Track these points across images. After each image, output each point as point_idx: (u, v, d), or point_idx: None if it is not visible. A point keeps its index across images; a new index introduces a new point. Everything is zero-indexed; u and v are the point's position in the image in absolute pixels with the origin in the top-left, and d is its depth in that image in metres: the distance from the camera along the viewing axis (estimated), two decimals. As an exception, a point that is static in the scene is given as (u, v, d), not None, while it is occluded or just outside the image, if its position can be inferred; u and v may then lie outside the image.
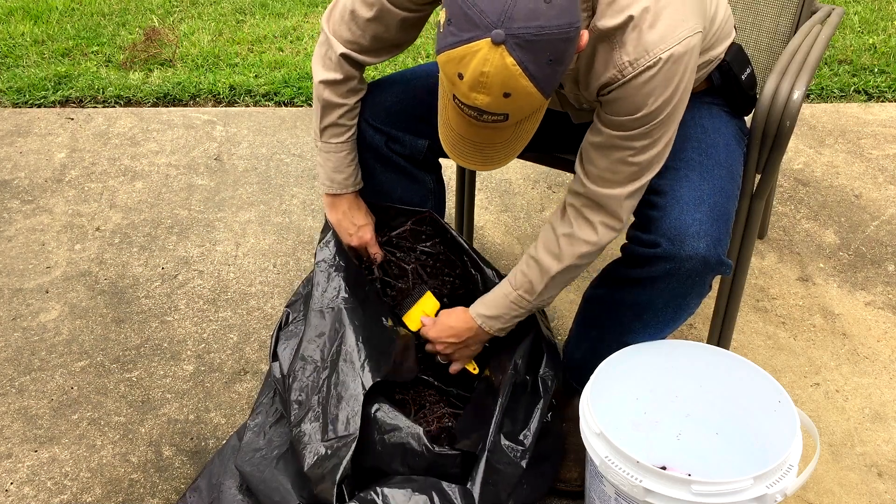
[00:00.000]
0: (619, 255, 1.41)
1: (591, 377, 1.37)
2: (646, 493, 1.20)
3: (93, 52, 3.39)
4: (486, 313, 1.46)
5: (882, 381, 1.82)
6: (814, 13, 1.72)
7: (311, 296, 1.49)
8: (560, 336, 1.91)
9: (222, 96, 3.06)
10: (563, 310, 2.02)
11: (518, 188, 2.53)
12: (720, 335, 1.72)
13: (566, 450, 1.57)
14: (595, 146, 1.29)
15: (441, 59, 1.08)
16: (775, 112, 1.42)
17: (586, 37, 1.13)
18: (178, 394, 1.78)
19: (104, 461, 1.63)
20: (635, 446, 1.46)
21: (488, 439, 1.35)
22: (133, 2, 3.92)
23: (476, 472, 1.33)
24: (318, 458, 1.33)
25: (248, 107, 3.03)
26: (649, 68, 1.17)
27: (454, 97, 1.11)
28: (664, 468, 1.43)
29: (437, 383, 1.60)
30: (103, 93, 3.05)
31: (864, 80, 3.11)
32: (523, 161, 2.55)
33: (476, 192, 2.41)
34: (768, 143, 1.45)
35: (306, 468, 1.32)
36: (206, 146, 2.74)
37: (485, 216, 2.39)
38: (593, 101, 1.32)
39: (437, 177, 1.66)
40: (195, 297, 2.06)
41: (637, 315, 1.41)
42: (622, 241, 1.40)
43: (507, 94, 1.07)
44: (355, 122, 1.51)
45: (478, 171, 2.53)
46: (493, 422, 1.37)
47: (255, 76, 3.19)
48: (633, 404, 1.48)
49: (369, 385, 1.38)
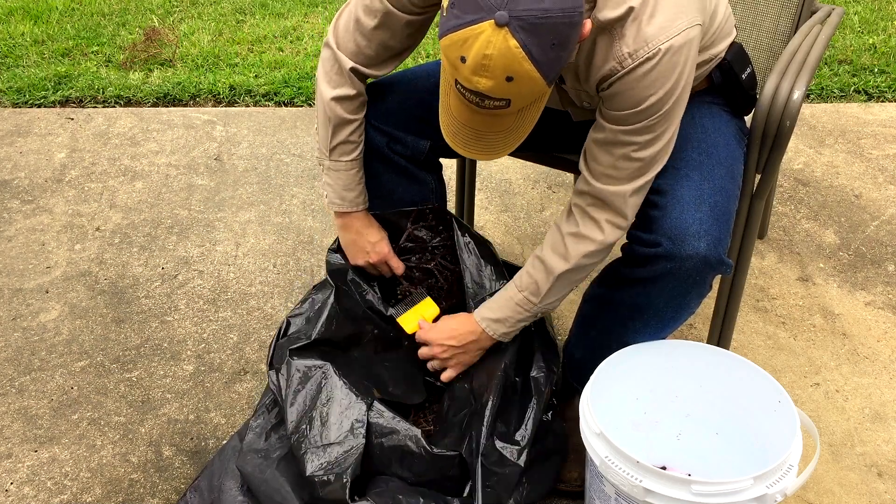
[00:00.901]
0: (620, 254, 1.41)
1: (591, 377, 1.37)
2: (646, 494, 1.20)
3: (93, 52, 3.39)
4: (491, 316, 1.45)
5: (882, 381, 1.82)
6: (814, 13, 1.72)
7: (319, 321, 1.50)
8: (560, 336, 1.91)
9: (222, 96, 3.06)
10: (563, 310, 2.02)
11: (518, 188, 2.53)
12: (720, 335, 1.72)
13: (566, 450, 1.56)
14: (598, 143, 1.29)
15: (443, 42, 1.08)
16: (775, 112, 1.42)
17: (589, 25, 1.13)
18: (178, 394, 1.78)
19: (104, 461, 1.63)
20: (635, 446, 1.46)
21: (481, 443, 1.35)
22: (133, 2, 3.92)
23: (474, 478, 1.33)
24: (321, 463, 1.33)
25: (248, 107, 3.03)
26: (648, 59, 1.17)
27: (456, 82, 1.11)
28: (664, 468, 1.44)
29: (438, 383, 1.60)
30: (103, 93, 3.05)
31: (864, 80, 3.11)
32: (523, 161, 2.56)
33: (476, 192, 2.41)
34: (768, 143, 1.45)
35: (308, 472, 1.32)
36: (206, 146, 2.74)
37: (485, 216, 2.39)
38: (594, 97, 1.32)
39: (438, 176, 1.66)
40: (195, 297, 2.06)
41: (637, 315, 1.41)
42: (622, 240, 1.40)
43: (509, 78, 1.06)
44: (363, 138, 1.50)
45: (478, 171, 2.54)
46: (484, 425, 1.37)
47: (255, 76, 3.19)
48: (634, 404, 1.48)
49: (373, 396, 1.38)
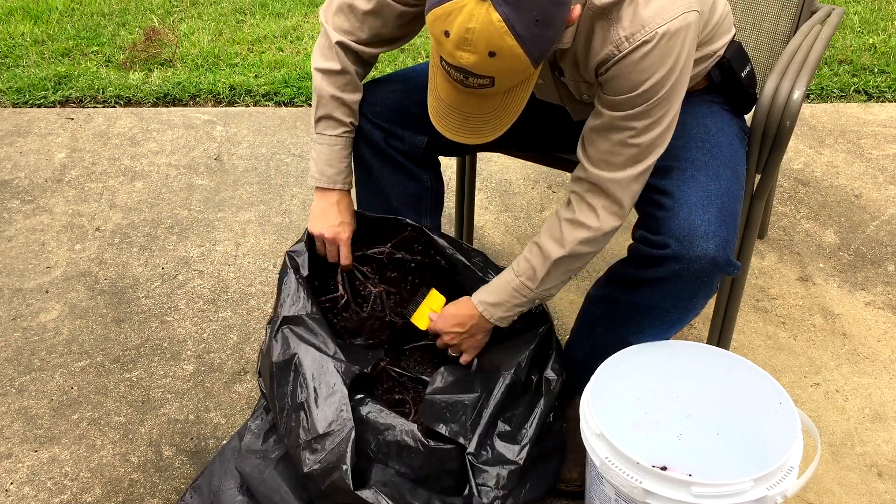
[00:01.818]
0: (626, 255, 1.41)
1: (592, 377, 1.37)
2: (646, 495, 1.20)
3: (93, 52, 3.39)
4: (488, 300, 1.46)
5: (882, 381, 1.82)
6: (814, 13, 1.72)
7: (278, 306, 1.48)
8: (561, 336, 1.91)
9: (222, 96, 3.06)
10: (564, 310, 2.02)
11: (518, 188, 2.53)
12: (720, 335, 1.72)
13: (566, 449, 1.56)
14: (595, 129, 1.29)
15: (429, 18, 1.09)
16: (775, 112, 1.42)
17: (578, 10, 1.14)
18: (178, 394, 1.78)
19: (104, 461, 1.63)
20: (636, 446, 1.46)
21: (474, 441, 1.35)
22: (133, 2, 3.92)
23: (470, 475, 1.33)
24: (317, 457, 1.32)
25: (248, 107, 3.03)
26: (645, 43, 1.18)
27: (441, 59, 1.12)
28: (665, 468, 1.44)
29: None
30: (103, 93, 3.05)
31: (864, 80, 3.11)
32: (523, 161, 2.56)
33: (476, 192, 2.41)
34: (768, 143, 1.45)
35: (306, 469, 1.32)
36: (206, 146, 2.74)
37: (485, 216, 2.39)
38: (593, 87, 1.32)
39: (436, 174, 1.66)
40: (195, 297, 2.06)
41: (643, 316, 1.41)
42: (629, 241, 1.40)
43: (492, 54, 1.07)
44: (351, 120, 1.51)
45: (478, 171, 2.53)
46: (483, 423, 1.37)
47: (255, 76, 3.19)
48: (634, 404, 1.48)
49: (351, 377, 1.38)
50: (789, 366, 1.86)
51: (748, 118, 1.51)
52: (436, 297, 1.59)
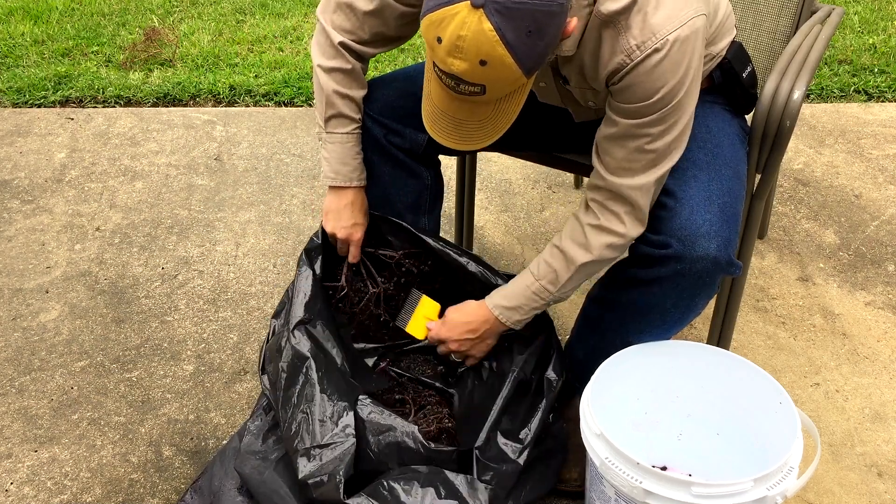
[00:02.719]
0: (626, 255, 1.41)
1: (592, 377, 1.37)
2: (646, 495, 1.20)
3: (93, 52, 3.38)
4: (505, 304, 1.45)
5: (882, 381, 1.82)
6: (814, 13, 1.72)
7: (293, 305, 1.48)
8: (562, 336, 1.91)
9: (222, 96, 3.06)
10: (564, 310, 2.02)
11: (518, 188, 2.53)
12: (720, 335, 1.72)
13: (566, 450, 1.56)
14: (610, 137, 1.29)
15: (423, 23, 1.10)
16: (775, 112, 1.42)
17: (575, 22, 1.14)
18: (178, 394, 1.78)
19: (104, 461, 1.63)
20: (636, 446, 1.46)
21: (482, 436, 1.35)
22: (133, 2, 3.92)
23: (472, 470, 1.33)
24: (313, 466, 1.32)
25: (248, 107, 3.03)
26: (657, 51, 1.18)
27: (434, 65, 1.13)
28: (665, 468, 1.44)
29: (438, 384, 1.60)
30: (103, 93, 3.05)
31: (864, 80, 3.11)
32: (523, 161, 2.56)
33: (476, 192, 2.41)
34: (768, 143, 1.45)
35: (301, 476, 1.31)
36: (206, 146, 2.74)
37: (485, 216, 2.39)
38: (601, 95, 1.32)
39: (436, 173, 1.66)
40: (195, 297, 2.06)
41: (644, 316, 1.41)
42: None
43: (483, 62, 1.07)
44: (359, 116, 1.51)
45: (478, 171, 2.53)
46: (490, 420, 1.37)
47: (255, 76, 3.19)
48: (634, 404, 1.48)
49: (358, 392, 1.38)
50: (789, 366, 1.86)
51: (748, 118, 1.52)
52: (429, 305, 1.58)
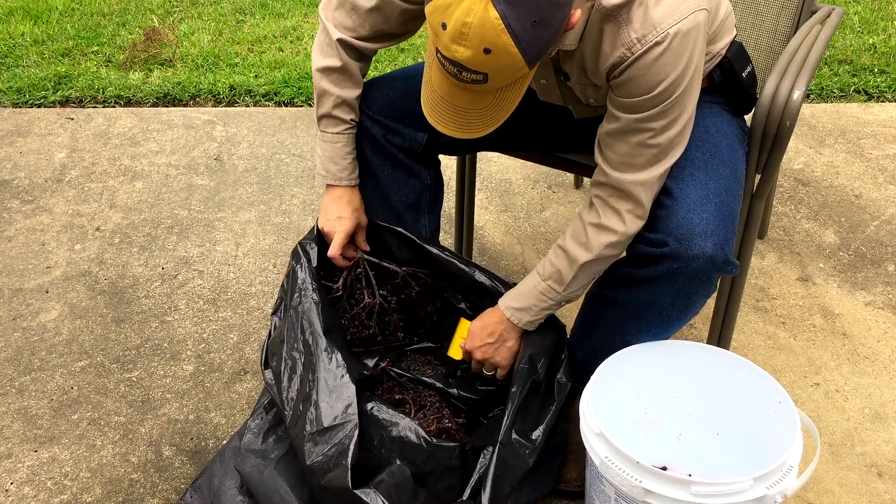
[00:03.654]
0: (624, 254, 1.41)
1: (592, 377, 1.37)
2: (646, 494, 1.20)
3: (93, 52, 3.39)
4: (515, 305, 1.46)
5: (882, 381, 1.82)
6: (814, 13, 1.72)
7: (289, 295, 1.49)
8: (560, 336, 1.91)
9: (222, 96, 3.06)
10: (565, 309, 2.02)
11: (518, 188, 2.53)
12: (720, 335, 1.72)
13: (567, 450, 1.57)
14: (612, 133, 1.29)
15: (428, 8, 1.10)
16: (775, 112, 1.42)
17: (578, 14, 1.14)
18: (178, 394, 1.78)
19: (104, 461, 1.63)
20: (636, 446, 1.46)
21: (502, 432, 1.35)
22: (133, 2, 3.92)
23: (490, 465, 1.33)
24: (320, 450, 1.32)
25: (248, 107, 3.03)
26: (658, 44, 1.18)
27: (437, 51, 1.12)
28: (665, 468, 1.44)
29: (439, 384, 1.60)
30: (103, 93, 3.05)
31: (864, 80, 3.11)
32: (523, 161, 2.56)
33: (476, 192, 2.41)
34: (768, 143, 1.45)
35: (308, 462, 1.32)
36: (206, 146, 2.74)
37: (485, 216, 2.39)
38: (601, 91, 1.32)
39: (436, 172, 1.66)
40: (195, 297, 2.06)
41: (642, 315, 1.41)
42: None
43: (487, 50, 1.07)
44: (352, 117, 1.51)
45: (478, 171, 2.53)
46: (508, 415, 1.37)
47: (255, 76, 3.19)
48: (634, 404, 1.48)
49: (358, 373, 1.39)
50: (789, 366, 1.86)
51: (748, 118, 1.52)
52: (465, 326, 1.60)
